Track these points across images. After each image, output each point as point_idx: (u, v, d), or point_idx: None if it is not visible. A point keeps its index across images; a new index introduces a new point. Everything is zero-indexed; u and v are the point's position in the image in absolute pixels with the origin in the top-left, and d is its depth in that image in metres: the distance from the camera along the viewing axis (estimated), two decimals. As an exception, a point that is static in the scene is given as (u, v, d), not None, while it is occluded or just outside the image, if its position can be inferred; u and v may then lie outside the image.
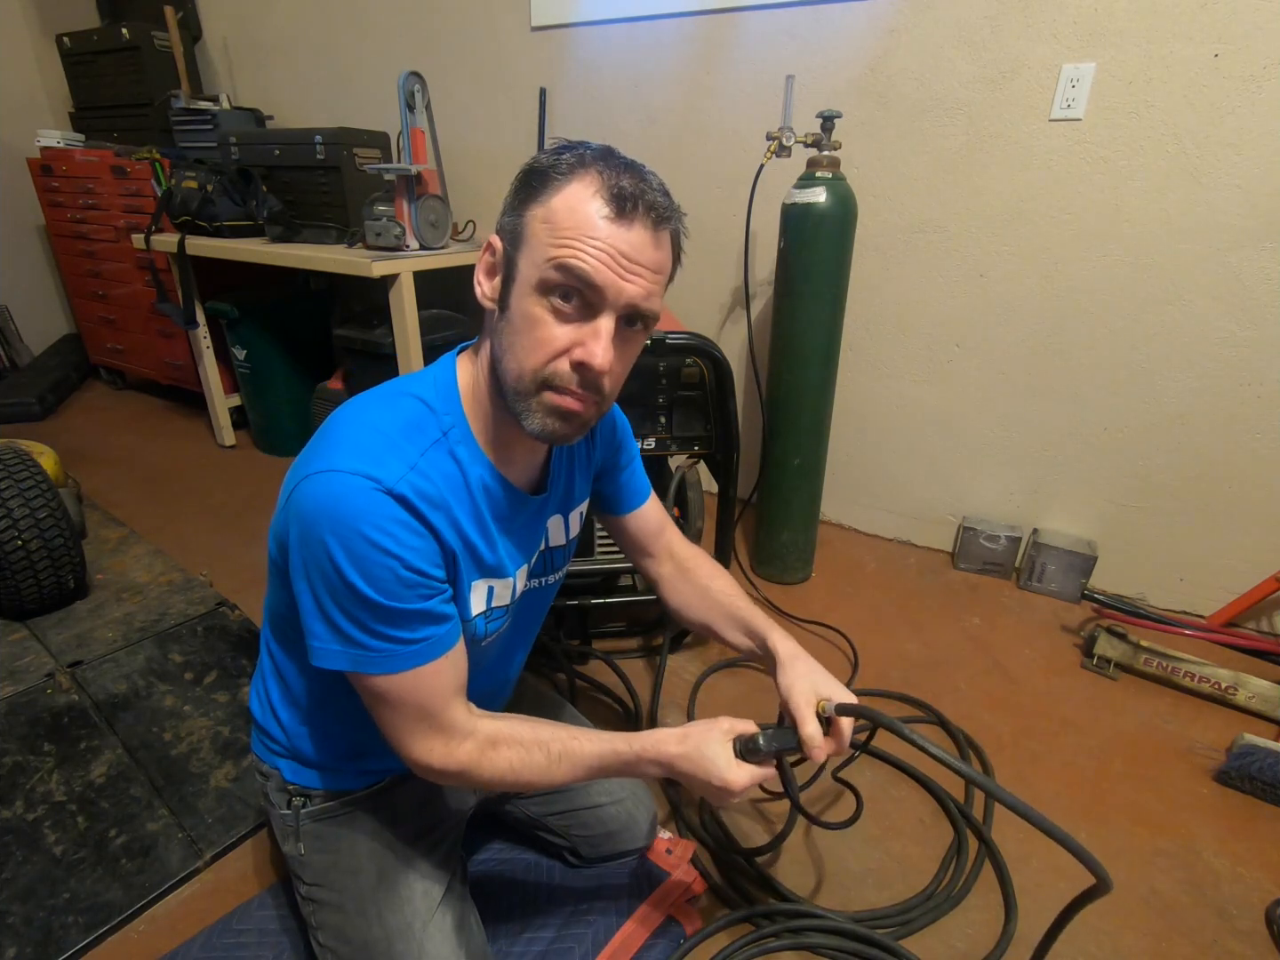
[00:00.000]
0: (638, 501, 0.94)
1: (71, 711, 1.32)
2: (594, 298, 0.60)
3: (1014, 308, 1.72)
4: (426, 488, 0.63)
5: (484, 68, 2.29)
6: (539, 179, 0.61)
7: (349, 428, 0.64)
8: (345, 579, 0.60)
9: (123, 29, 2.71)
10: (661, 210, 0.61)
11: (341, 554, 0.59)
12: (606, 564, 1.42)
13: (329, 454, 0.61)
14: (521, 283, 0.61)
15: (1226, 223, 1.46)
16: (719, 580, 0.93)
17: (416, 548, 0.62)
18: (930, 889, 1.04)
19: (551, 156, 0.62)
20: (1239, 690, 1.39)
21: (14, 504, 1.47)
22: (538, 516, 0.79)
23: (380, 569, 0.60)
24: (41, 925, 0.96)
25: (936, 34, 1.61)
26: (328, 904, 0.80)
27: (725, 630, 0.89)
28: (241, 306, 2.37)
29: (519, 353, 0.62)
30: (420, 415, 0.66)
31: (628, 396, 1.41)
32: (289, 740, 0.82)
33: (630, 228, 0.59)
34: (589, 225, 0.59)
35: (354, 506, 0.59)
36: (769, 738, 0.70)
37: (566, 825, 1.00)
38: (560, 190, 0.60)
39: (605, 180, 0.59)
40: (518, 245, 0.62)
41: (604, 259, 0.59)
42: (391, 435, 0.63)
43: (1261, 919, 1.01)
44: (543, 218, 0.60)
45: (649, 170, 0.63)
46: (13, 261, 3.26)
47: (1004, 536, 1.81)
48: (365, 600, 0.61)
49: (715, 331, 2.15)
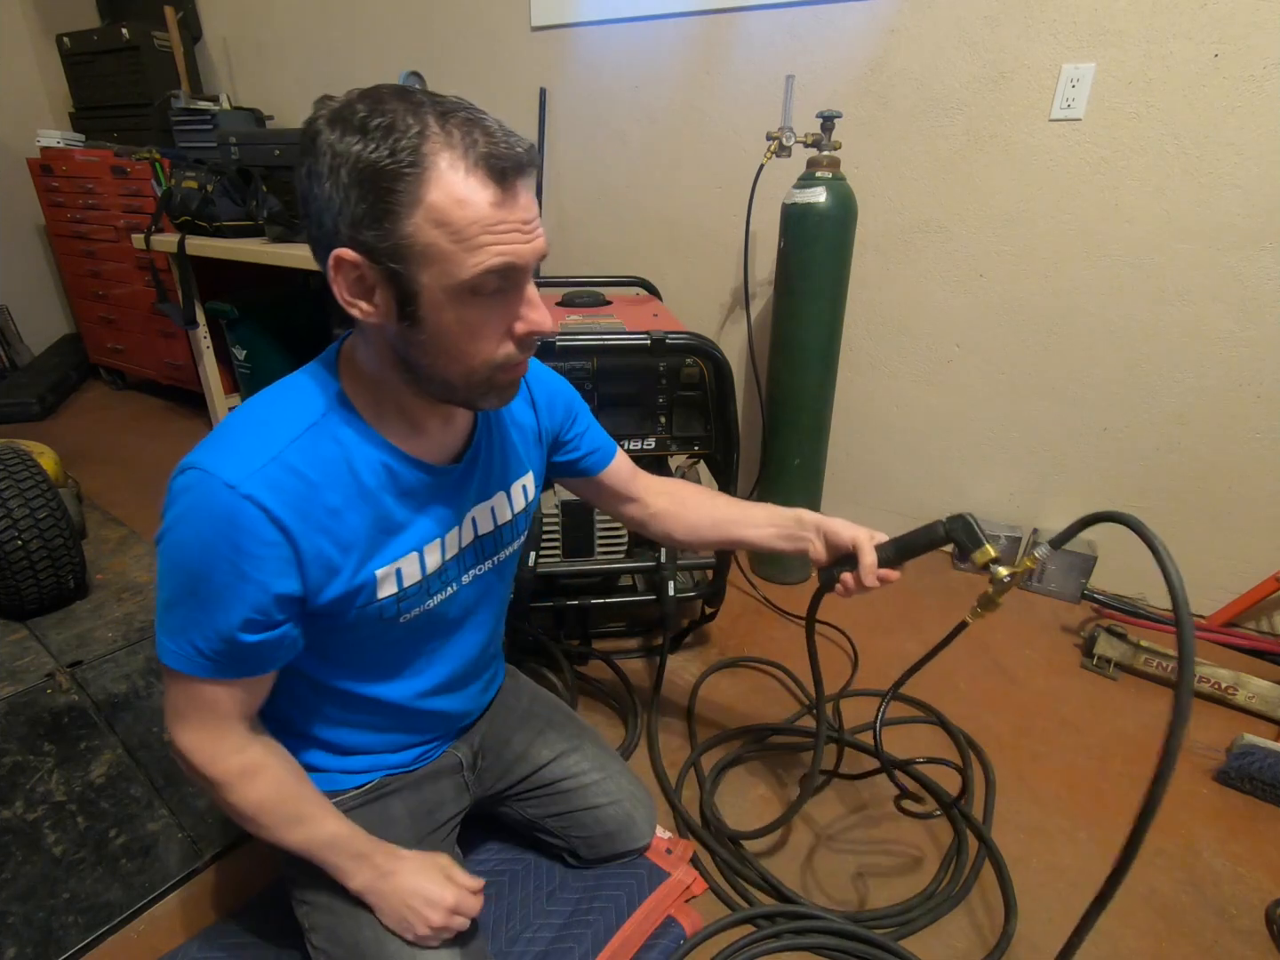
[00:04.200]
0: (610, 456, 0.95)
1: (71, 711, 1.32)
2: (518, 275, 0.59)
3: (1014, 308, 1.72)
4: (287, 479, 0.60)
5: (484, 68, 2.29)
6: (388, 180, 0.53)
7: (232, 421, 0.64)
8: (176, 566, 0.62)
9: (123, 29, 2.71)
10: (524, 158, 0.56)
11: (174, 545, 0.61)
12: (606, 564, 1.42)
13: (204, 445, 0.62)
14: (435, 295, 0.57)
15: (1226, 223, 1.46)
16: (714, 495, 0.98)
17: (256, 555, 0.60)
18: (930, 889, 1.04)
19: (376, 148, 0.52)
20: (1239, 690, 1.39)
21: (14, 504, 1.47)
22: (460, 484, 0.76)
23: (208, 569, 0.60)
24: (41, 925, 0.96)
25: (936, 34, 1.61)
26: (319, 905, 0.80)
27: (749, 531, 0.93)
28: (241, 306, 2.37)
29: (461, 356, 0.61)
30: (295, 404, 0.65)
31: (628, 396, 1.42)
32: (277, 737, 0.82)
33: (517, 194, 0.57)
34: (487, 215, 0.55)
35: (199, 502, 0.59)
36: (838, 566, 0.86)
37: (565, 826, 0.99)
38: (425, 184, 0.53)
39: (466, 155, 0.54)
40: (405, 260, 0.55)
41: (515, 237, 0.57)
42: (261, 427, 0.62)
43: (1261, 919, 1.01)
44: (430, 223, 0.54)
45: (474, 107, 0.57)
46: (13, 261, 3.26)
47: (1004, 536, 1.81)
48: (186, 592, 0.62)
49: (715, 331, 2.15)
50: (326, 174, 0.54)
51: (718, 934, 0.96)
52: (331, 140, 0.54)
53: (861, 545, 0.83)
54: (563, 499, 1.37)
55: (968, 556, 0.80)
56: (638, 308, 1.66)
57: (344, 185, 0.54)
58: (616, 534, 1.43)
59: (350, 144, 0.53)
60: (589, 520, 1.39)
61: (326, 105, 0.56)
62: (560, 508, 1.37)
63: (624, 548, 1.44)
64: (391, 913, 0.76)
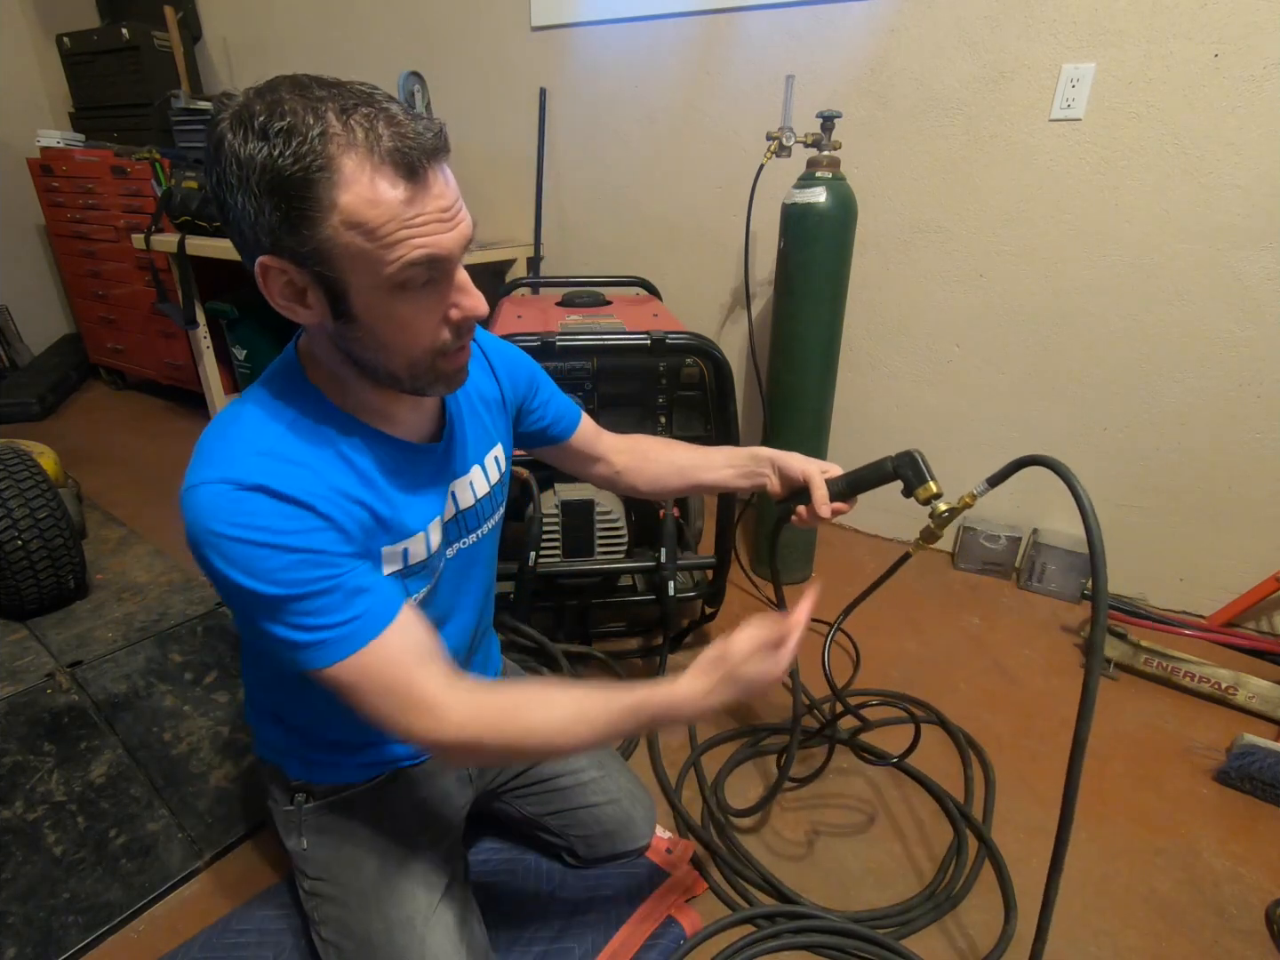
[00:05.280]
0: (576, 421, 0.96)
1: (71, 711, 1.32)
2: (444, 264, 0.59)
3: (1014, 308, 1.72)
4: (286, 470, 0.60)
5: (484, 68, 2.29)
6: (296, 186, 0.52)
7: (205, 439, 0.63)
8: (240, 586, 0.58)
9: (123, 29, 2.71)
10: (433, 143, 0.55)
11: (223, 563, 0.58)
12: (606, 564, 1.42)
13: (191, 470, 0.60)
14: (364, 294, 0.57)
15: (1226, 223, 1.46)
16: (674, 444, 1.01)
17: (296, 529, 0.59)
18: (930, 889, 1.04)
19: (280, 155, 0.51)
20: (1239, 690, 1.39)
21: (14, 504, 1.47)
22: (444, 462, 0.76)
23: (266, 563, 0.58)
24: (41, 925, 0.96)
25: (936, 34, 1.61)
26: (330, 898, 0.80)
27: (708, 475, 0.96)
28: (241, 306, 2.37)
29: (400, 348, 0.61)
30: (270, 406, 0.64)
31: (628, 396, 1.42)
32: (285, 739, 0.83)
33: (429, 184, 0.55)
34: (401, 210, 0.54)
35: (217, 513, 0.58)
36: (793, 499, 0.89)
37: (564, 825, 1.00)
38: (334, 187, 0.52)
39: (370, 149, 0.52)
40: (330, 263, 0.55)
41: (434, 228, 0.56)
42: (243, 433, 0.62)
43: (1261, 919, 1.01)
44: (346, 225, 0.53)
45: (376, 94, 0.55)
46: (13, 261, 3.26)
47: (1004, 536, 1.81)
48: (267, 599, 0.59)
49: (715, 331, 2.15)
50: (237, 185, 0.53)
51: (718, 934, 0.96)
52: (235, 147, 0.52)
53: (813, 478, 0.86)
54: (563, 499, 1.37)
55: (911, 492, 0.83)
56: (638, 308, 1.66)
57: (255, 195, 0.53)
58: (616, 534, 1.42)
59: (254, 151, 0.51)
60: (589, 520, 1.39)
61: (227, 106, 0.54)
62: (560, 508, 1.37)
63: (624, 548, 1.44)
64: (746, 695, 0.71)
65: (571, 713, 0.66)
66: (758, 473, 0.93)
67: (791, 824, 1.15)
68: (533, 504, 1.32)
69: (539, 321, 1.49)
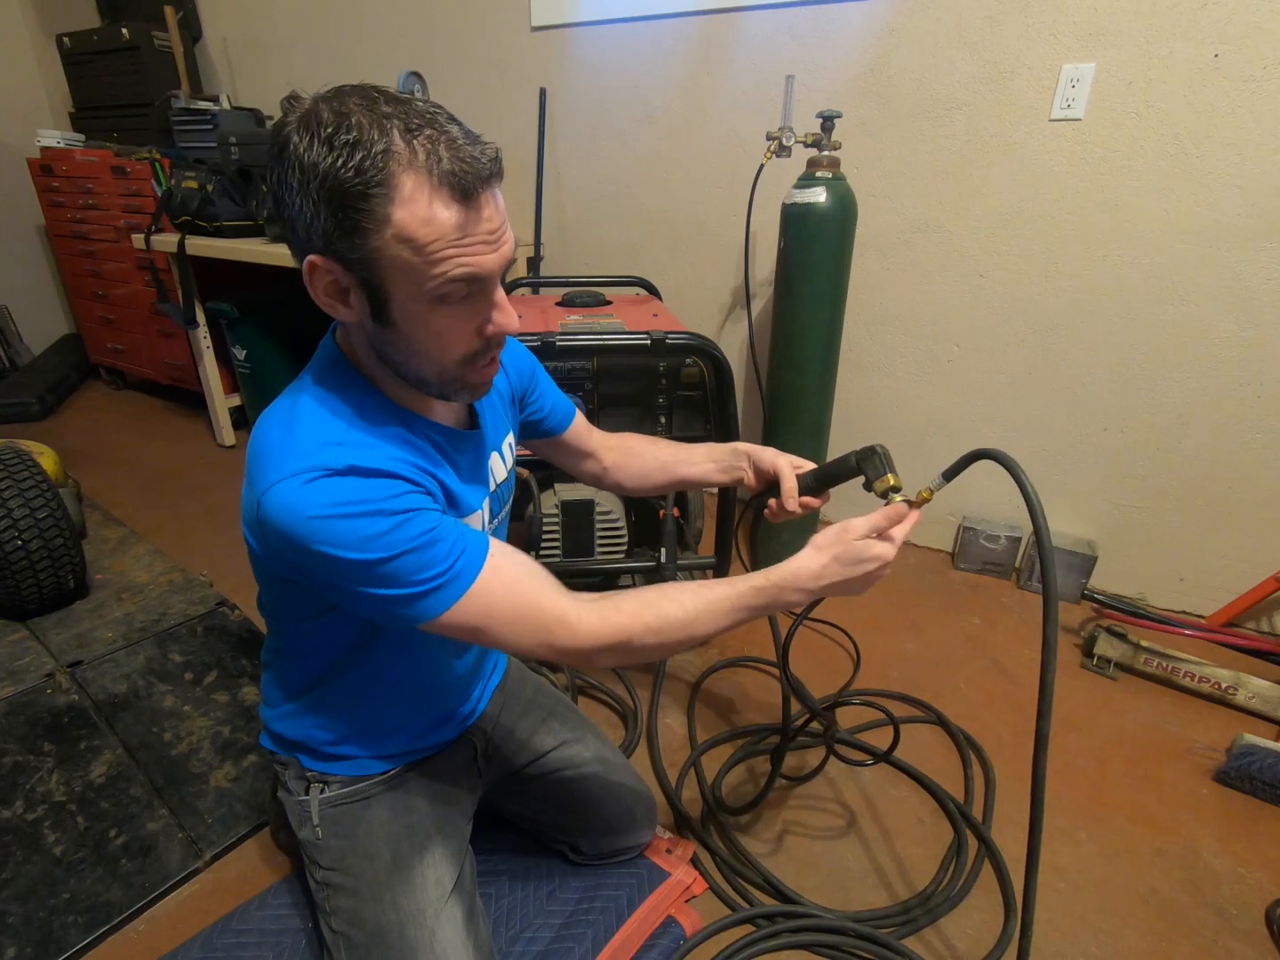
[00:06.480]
0: (572, 415, 0.99)
1: (71, 711, 1.32)
2: (484, 283, 0.61)
3: (1014, 308, 1.72)
4: (367, 452, 0.63)
5: (484, 68, 2.29)
6: (354, 198, 0.54)
7: (268, 438, 0.64)
8: (351, 561, 0.60)
9: (123, 29, 2.71)
10: (488, 169, 0.57)
11: (329, 546, 0.60)
12: (606, 564, 1.42)
13: (266, 470, 0.61)
14: (405, 303, 0.60)
15: (1226, 223, 1.46)
16: (657, 441, 1.03)
17: (390, 494, 0.62)
18: (930, 889, 1.04)
19: (344, 166, 0.54)
20: (1239, 690, 1.39)
21: (14, 504, 1.47)
22: (482, 447, 0.81)
23: (369, 529, 0.60)
24: (41, 925, 0.96)
25: (936, 34, 1.61)
26: (342, 888, 0.81)
27: (690, 469, 0.98)
28: (241, 306, 2.37)
29: (433, 355, 0.64)
30: (328, 401, 0.66)
31: (628, 396, 1.42)
32: (304, 729, 0.83)
33: (480, 207, 0.58)
34: (451, 230, 0.56)
35: (313, 500, 0.59)
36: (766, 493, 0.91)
37: (565, 821, 1.00)
38: (391, 204, 0.55)
39: (430, 170, 0.55)
40: (376, 271, 0.58)
41: (479, 249, 0.58)
42: (313, 426, 0.64)
43: (1261, 919, 1.01)
44: (397, 239, 0.56)
45: (439, 115, 0.57)
46: (13, 261, 3.26)
47: (1004, 536, 1.81)
48: (379, 564, 0.61)
49: (715, 331, 2.15)
50: (297, 187, 0.56)
51: (718, 934, 0.96)
52: (300, 152, 0.55)
53: (783, 472, 0.88)
54: (563, 499, 1.37)
55: (870, 485, 0.83)
56: (638, 308, 1.66)
57: (314, 200, 0.55)
58: (616, 534, 1.43)
59: (318, 159, 0.54)
60: (589, 520, 1.39)
61: (295, 109, 0.57)
62: (560, 507, 1.37)
63: (624, 548, 1.44)
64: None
65: (702, 600, 0.71)
66: (736, 466, 0.95)
67: (792, 824, 1.15)
68: (533, 504, 1.32)
69: (539, 321, 1.49)
